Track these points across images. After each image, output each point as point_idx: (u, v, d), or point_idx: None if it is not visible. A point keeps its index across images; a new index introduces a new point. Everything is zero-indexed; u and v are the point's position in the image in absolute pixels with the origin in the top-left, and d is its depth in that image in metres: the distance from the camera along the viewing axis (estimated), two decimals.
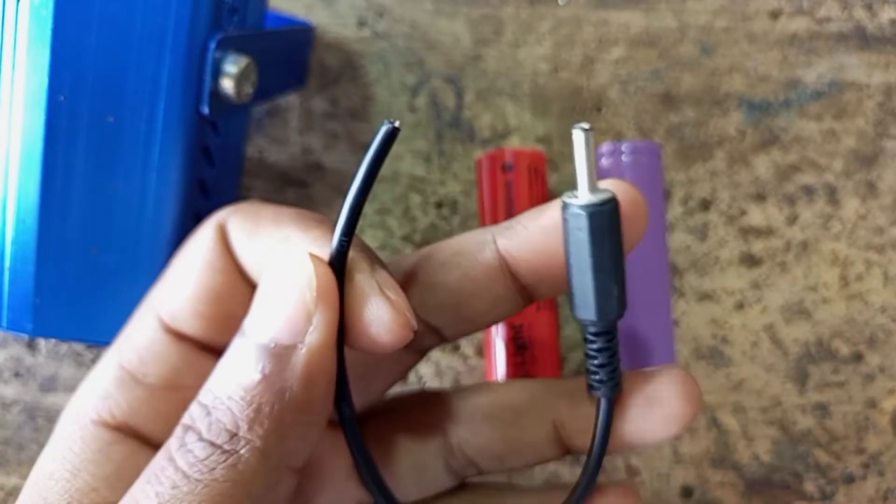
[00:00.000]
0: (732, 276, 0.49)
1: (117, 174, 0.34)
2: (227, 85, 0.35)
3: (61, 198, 0.34)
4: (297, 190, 0.50)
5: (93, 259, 0.34)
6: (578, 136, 0.26)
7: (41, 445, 0.48)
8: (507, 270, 0.29)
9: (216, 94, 0.35)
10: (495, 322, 0.32)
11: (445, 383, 0.48)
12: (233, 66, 0.35)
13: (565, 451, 0.32)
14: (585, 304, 0.27)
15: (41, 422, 0.48)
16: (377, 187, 0.50)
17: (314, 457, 0.31)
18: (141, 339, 0.29)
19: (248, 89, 0.37)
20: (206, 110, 0.35)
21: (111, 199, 0.34)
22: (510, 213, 0.46)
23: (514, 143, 0.50)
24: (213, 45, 0.34)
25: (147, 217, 0.35)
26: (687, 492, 0.48)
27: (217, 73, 0.35)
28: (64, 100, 0.33)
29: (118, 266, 0.35)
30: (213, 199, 0.40)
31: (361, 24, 0.52)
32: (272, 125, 0.51)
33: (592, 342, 0.29)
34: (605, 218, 0.26)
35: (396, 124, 0.25)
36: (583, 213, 0.26)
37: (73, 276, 0.34)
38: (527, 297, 0.30)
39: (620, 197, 0.27)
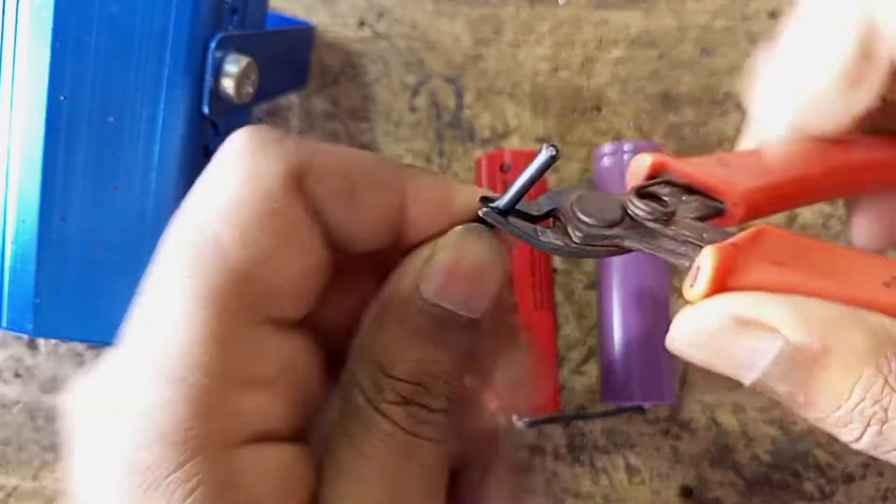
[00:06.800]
0: None
1: (118, 174, 0.34)
2: (228, 85, 0.35)
3: (62, 197, 0.34)
4: None
5: (93, 259, 0.34)
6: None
7: (41, 446, 0.48)
8: None
9: (217, 94, 0.35)
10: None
11: None
12: (233, 66, 0.35)
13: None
14: None
15: (41, 422, 0.48)
16: None
17: None
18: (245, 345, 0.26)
19: (249, 89, 0.37)
20: (206, 110, 0.35)
21: (112, 198, 0.34)
22: None
23: (514, 143, 0.51)
24: (213, 45, 0.34)
25: (148, 216, 0.35)
26: (686, 491, 0.48)
27: (218, 72, 0.35)
28: (64, 99, 0.33)
29: (119, 265, 0.35)
30: None
31: (362, 24, 0.52)
32: (273, 125, 0.51)
33: None
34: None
35: (554, 150, 0.26)
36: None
37: (74, 275, 0.35)
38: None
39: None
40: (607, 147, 0.47)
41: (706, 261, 0.24)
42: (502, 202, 0.28)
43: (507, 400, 0.32)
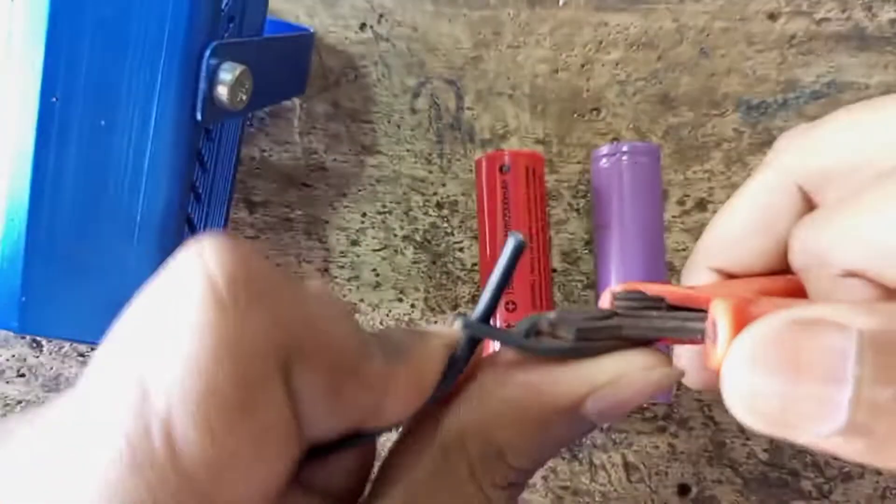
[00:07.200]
0: None
1: (108, 177, 0.35)
2: (222, 92, 0.35)
3: (51, 199, 0.34)
4: (301, 191, 0.51)
5: (81, 260, 0.35)
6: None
7: None
8: None
9: (210, 101, 0.36)
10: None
11: None
12: (228, 74, 0.36)
13: None
14: None
15: None
16: (378, 187, 0.51)
17: None
18: None
19: (243, 96, 0.37)
20: (199, 117, 0.35)
21: (101, 200, 0.35)
22: (507, 214, 0.46)
23: (513, 144, 0.51)
24: (208, 53, 0.35)
25: (137, 219, 0.35)
26: (684, 489, 0.48)
27: (212, 80, 0.35)
28: (56, 102, 0.34)
29: (108, 268, 0.35)
30: (206, 203, 0.41)
31: (363, 26, 0.52)
32: (275, 127, 0.52)
33: None
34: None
35: (521, 237, 0.25)
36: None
37: (61, 276, 0.35)
38: None
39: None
40: (605, 148, 0.48)
41: (720, 309, 0.22)
42: (477, 311, 0.26)
43: None
